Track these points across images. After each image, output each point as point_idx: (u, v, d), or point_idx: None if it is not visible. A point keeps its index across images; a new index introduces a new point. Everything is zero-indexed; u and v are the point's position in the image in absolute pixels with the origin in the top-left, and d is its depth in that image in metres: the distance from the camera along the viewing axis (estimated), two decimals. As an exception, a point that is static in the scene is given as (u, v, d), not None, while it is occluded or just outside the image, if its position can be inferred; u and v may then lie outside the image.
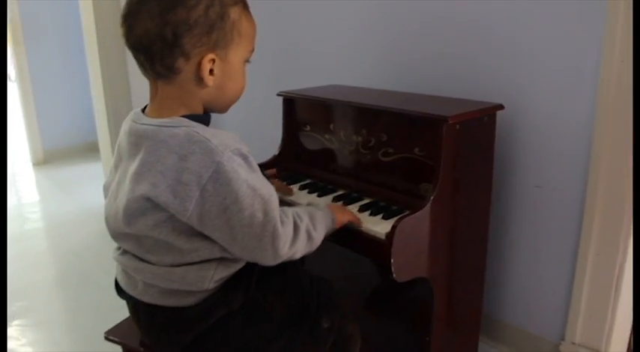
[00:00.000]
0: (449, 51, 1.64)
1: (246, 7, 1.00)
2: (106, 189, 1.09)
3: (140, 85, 1.00)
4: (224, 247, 0.98)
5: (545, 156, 1.49)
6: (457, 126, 1.24)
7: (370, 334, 1.30)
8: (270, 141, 1.68)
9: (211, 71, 0.95)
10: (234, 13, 0.96)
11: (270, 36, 2.22)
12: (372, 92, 1.63)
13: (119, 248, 1.08)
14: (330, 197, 1.43)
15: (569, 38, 1.38)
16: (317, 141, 1.58)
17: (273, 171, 1.48)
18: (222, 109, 1.05)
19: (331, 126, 1.53)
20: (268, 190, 0.96)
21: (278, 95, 1.64)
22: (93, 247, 2.68)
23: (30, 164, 4.14)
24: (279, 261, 1.01)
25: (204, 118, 1.00)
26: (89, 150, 4.32)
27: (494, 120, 1.37)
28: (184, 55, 0.92)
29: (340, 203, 1.37)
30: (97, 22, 2.50)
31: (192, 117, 0.97)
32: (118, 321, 1.27)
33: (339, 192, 1.45)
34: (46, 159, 4.16)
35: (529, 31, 1.45)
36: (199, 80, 0.95)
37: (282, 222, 0.98)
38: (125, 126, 1.02)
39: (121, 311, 1.34)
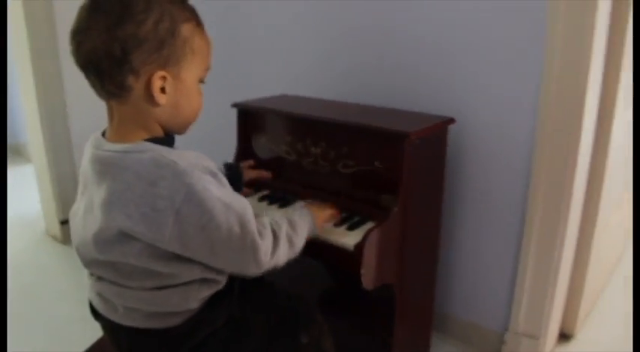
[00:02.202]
0: (392, 61, 1.71)
1: (199, 24, 0.98)
2: (72, 216, 1.07)
3: (75, 78, 0.94)
4: (204, 267, 0.98)
5: (491, 164, 1.60)
6: (417, 141, 1.31)
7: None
8: (227, 152, 1.69)
9: (163, 89, 0.93)
10: (186, 30, 0.93)
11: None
12: (325, 103, 1.67)
13: (92, 274, 1.07)
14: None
15: (511, 53, 1.48)
16: (274, 152, 1.60)
17: (250, 162, 1.47)
18: (180, 130, 1.03)
19: (288, 137, 1.55)
20: (241, 203, 0.97)
21: (232, 106, 1.64)
22: (33, 257, 2.54)
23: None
24: (262, 270, 1.03)
25: (167, 141, 0.99)
26: (11, 152, 4.09)
27: (446, 133, 1.46)
28: (134, 72, 0.90)
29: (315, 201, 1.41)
30: (27, 19, 2.37)
31: (156, 140, 0.96)
32: (75, 334, 1.22)
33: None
34: (-38, 163, 3.89)
35: (471, 45, 1.54)
36: (151, 98, 0.93)
37: (260, 233, 1.01)
38: (87, 153, 0.99)
39: (77, 323, 1.27)
